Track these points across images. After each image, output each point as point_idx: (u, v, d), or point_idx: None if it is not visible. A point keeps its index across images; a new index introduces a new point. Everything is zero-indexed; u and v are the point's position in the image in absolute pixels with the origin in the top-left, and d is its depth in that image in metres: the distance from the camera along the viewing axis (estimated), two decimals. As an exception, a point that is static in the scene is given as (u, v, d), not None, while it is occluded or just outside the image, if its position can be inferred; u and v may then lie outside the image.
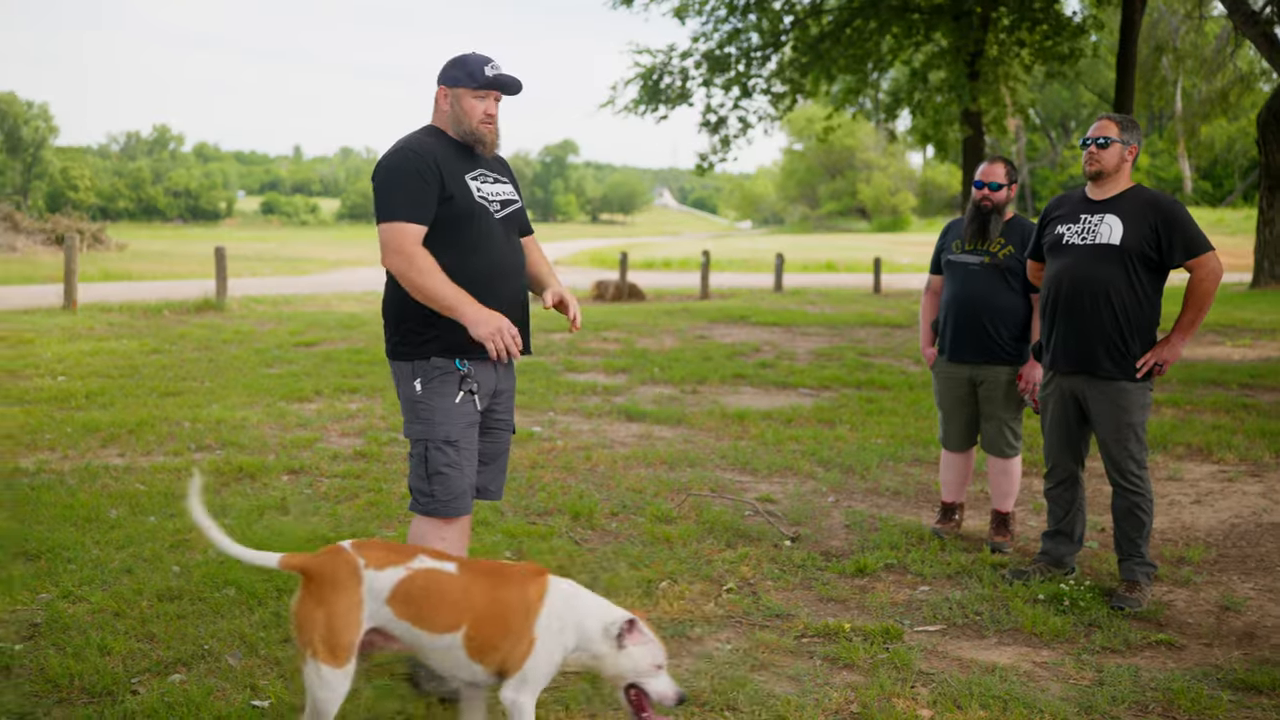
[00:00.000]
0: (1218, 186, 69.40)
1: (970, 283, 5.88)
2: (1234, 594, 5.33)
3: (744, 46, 21.59)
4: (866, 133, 75.25)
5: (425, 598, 3.32)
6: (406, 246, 3.93)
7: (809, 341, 14.91)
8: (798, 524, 6.35)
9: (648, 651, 3.34)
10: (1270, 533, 6.37)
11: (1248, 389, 11.13)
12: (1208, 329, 16.30)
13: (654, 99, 21.88)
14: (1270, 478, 7.62)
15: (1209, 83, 47.09)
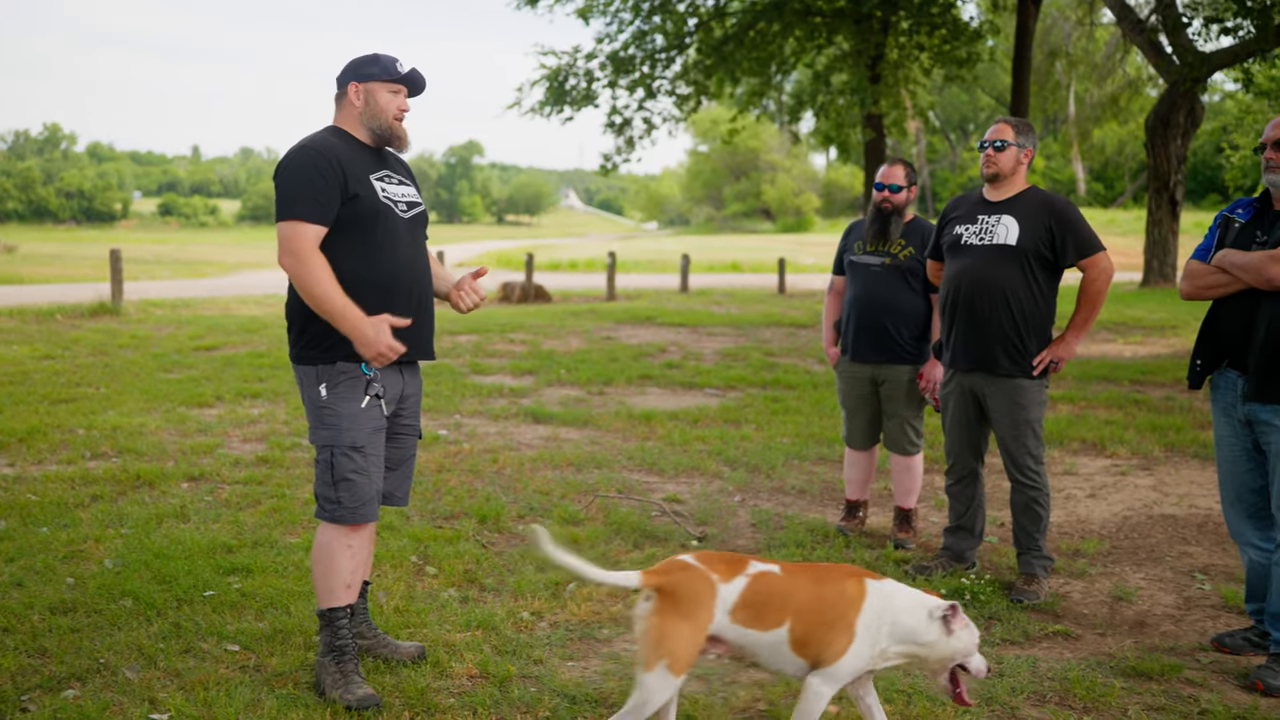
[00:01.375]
0: (1109, 188, 71.35)
1: (872, 283, 5.97)
2: (1126, 584, 5.49)
3: (648, 48, 21.65)
4: (770, 135, 75.98)
5: (759, 600, 3.47)
6: (301, 247, 3.88)
7: (715, 342, 15.01)
8: (705, 524, 6.39)
9: (971, 633, 3.51)
10: (1160, 524, 6.57)
11: (1138, 385, 11.46)
12: (1100, 327, 16.75)
13: (559, 100, 21.85)
14: (1160, 471, 7.86)
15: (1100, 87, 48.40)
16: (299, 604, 4.86)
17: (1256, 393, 4.38)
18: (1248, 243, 4.47)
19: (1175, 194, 24.73)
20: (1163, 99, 24.92)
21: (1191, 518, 6.69)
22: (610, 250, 24.70)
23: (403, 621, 4.72)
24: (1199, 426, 9.10)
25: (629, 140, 22.87)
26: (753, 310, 19.58)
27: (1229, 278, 4.46)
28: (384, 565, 5.42)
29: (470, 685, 4.14)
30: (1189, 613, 5.14)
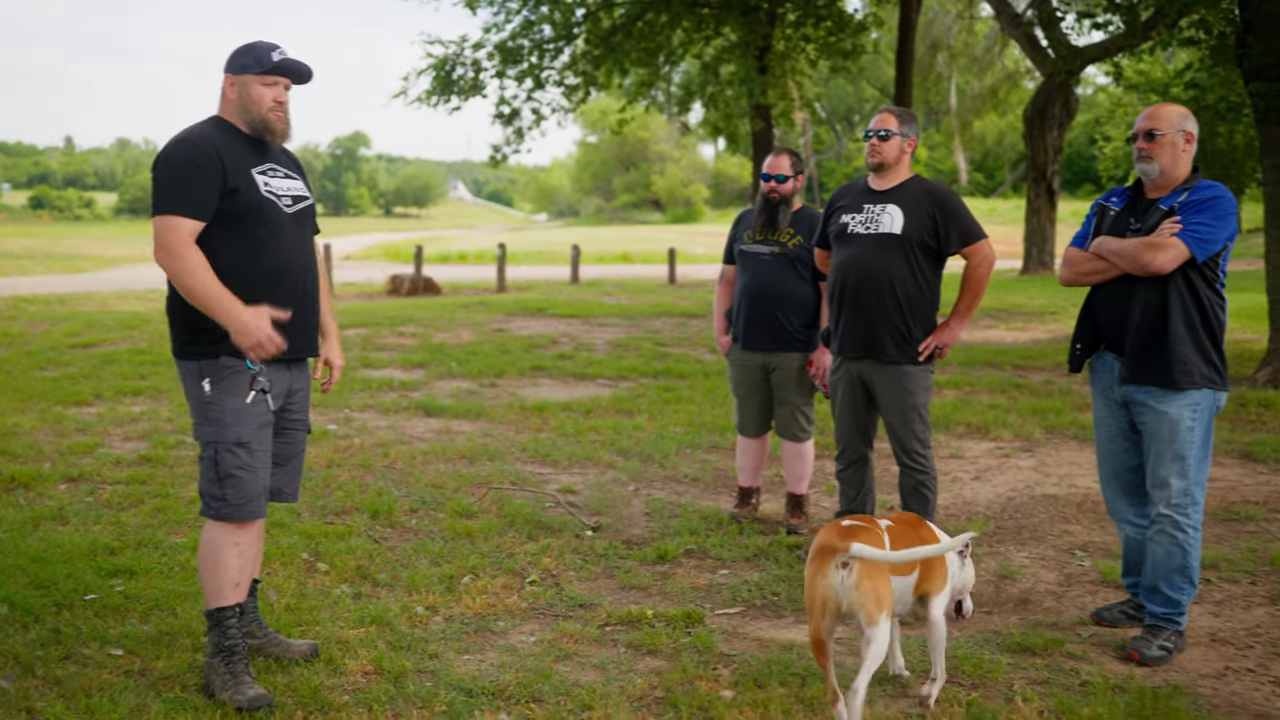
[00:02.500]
0: (990, 178, 73.09)
1: (762, 272, 6.03)
2: (1010, 563, 5.64)
3: (537, 38, 21.52)
4: (659, 125, 76.22)
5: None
6: (175, 241, 3.79)
7: (607, 332, 15.01)
8: (599, 514, 6.39)
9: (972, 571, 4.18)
10: (1042, 504, 6.75)
11: (1020, 369, 11.76)
12: (983, 313, 17.14)
13: (446, 90, 21.60)
14: (1041, 452, 8.08)
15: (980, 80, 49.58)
16: (186, 605, 4.74)
17: (1132, 375, 4.52)
18: (1122, 230, 4.61)
19: (1052, 183, 25.43)
20: (1039, 91, 25.59)
21: (1071, 497, 6.89)
22: (500, 242, 24.57)
23: (294, 620, 4.64)
24: (1078, 409, 9.37)
25: (518, 131, 22.72)
26: (644, 301, 19.63)
27: (1106, 264, 4.59)
28: (274, 563, 5.32)
29: (365, 682, 4.09)
30: (1070, 589, 5.30)
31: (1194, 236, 4.41)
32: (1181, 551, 4.50)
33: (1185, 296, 4.47)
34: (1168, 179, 4.59)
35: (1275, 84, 10.31)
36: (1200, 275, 4.47)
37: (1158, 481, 4.53)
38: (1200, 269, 4.46)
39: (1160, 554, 4.53)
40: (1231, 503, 6.71)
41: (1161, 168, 4.56)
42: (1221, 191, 4.54)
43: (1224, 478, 7.31)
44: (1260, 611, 4.99)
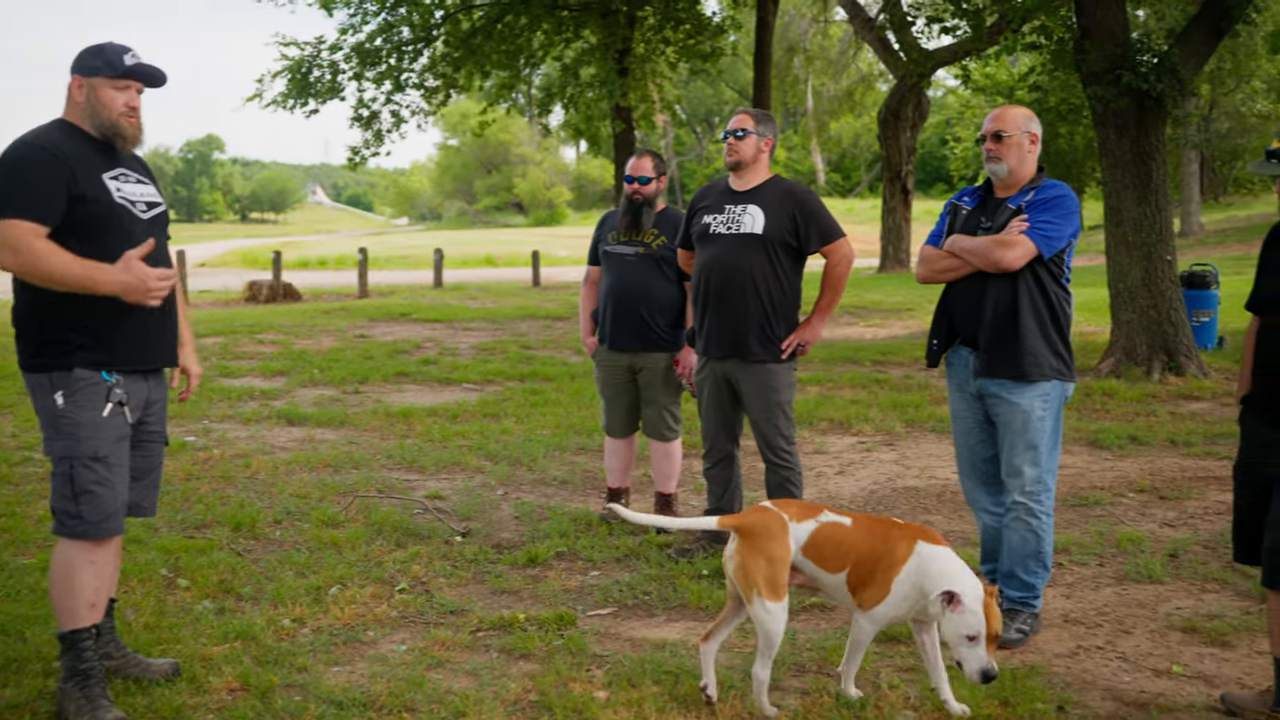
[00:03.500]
0: (847, 178, 74.67)
1: (627, 273, 6.06)
2: (875, 555, 5.76)
3: (395, 40, 21.23)
4: (521, 128, 75.87)
5: (826, 545, 3.93)
6: (18, 240, 3.61)
7: (471, 336, 14.91)
8: (468, 519, 6.34)
9: (967, 621, 3.65)
10: (904, 495, 6.93)
11: (880, 365, 12.05)
12: (843, 311, 17.50)
13: (303, 93, 21.15)
14: (902, 445, 8.29)
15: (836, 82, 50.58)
16: (36, 629, 4.55)
17: (986, 368, 4.67)
18: (974, 228, 4.76)
19: (907, 183, 26.12)
20: (893, 93, 26.26)
21: (931, 488, 7.09)
22: (361, 246, 24.17)
23: (154, 638, 4.49)
24: (936, 402, 9.64)
25: (377, 134, 22.37)
26: (508, 304, 19.55)
27: (959, 261, 4.73)
28: (131, 580, 5.15)
29: (230, 699, 3.98)
30: (932, 578, 5.44)
31: (1041, 234, 4.57)
32: (1036, 537, 4.67)
33: (1034, 292, 4.63)
34: (1015, 179, 4.75)
35: (1111, 88, 10.77)
36: (1047, 271, 4.64)
37: (1012, 470, 4.69)
38: (1047, 265, 4.63)
39: (1016, 540, 4.69)
40: (1080, 489, 6.98)
41: (1009, 168, 4.73)
42: (1065, 190, 4.72)
43: (1073, 465, 7.60)
44: (1108, 592, 5.20)
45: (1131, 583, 5.32)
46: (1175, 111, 11.23)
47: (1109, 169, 11.20)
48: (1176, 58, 10.97)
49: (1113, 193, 11.18)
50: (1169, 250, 11.08)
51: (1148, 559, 5.58)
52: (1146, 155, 10.97)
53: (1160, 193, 11.03)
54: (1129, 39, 11.03)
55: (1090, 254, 29.35)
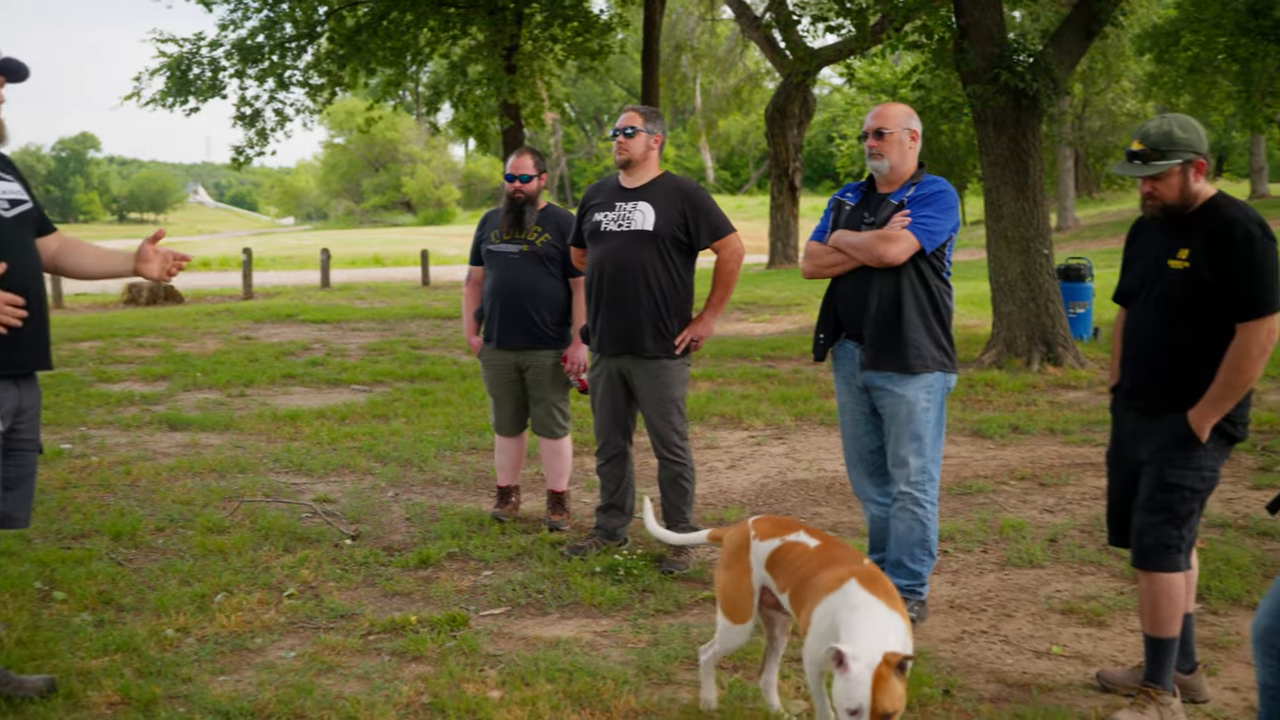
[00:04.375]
0: (736, 175, 75.41)
1: (511, 271, 6.03)
2: (766, 547, 5.82)
3: (278, 37, 20.80)
4: (409, 126, 75.12)
5: (783, 564, 3.68)
6: None
7: (360, 337, 14.71)
8: (357, 521, 6.26)
9: (845, 689, 3.03)
10: (794, 488, 7.02)
11: (770, 360, 12.19)
12: (733, 307, 17.65)
13: (183, 91, 20.62)
14: (791, 439, 8.39)
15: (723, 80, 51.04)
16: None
17: (872, 361, 4.75)
18: (858, 224, 4.84)
19: (794, 180, 26.46)
20: (779, 91, 26.56)
21: (820, 480, 7.19)
22: (245, 247, 23.68)
23: (28, 654, 4.34)
24: (824, 396, 9.78)
25: (261, 132, 21.93)
26: (397, 304, 19.33)
27: (844, 256, 4.80)
28: (3, 595, 4.96)
29: (110, 713, 3.87)
30: (822, 568, 5.51)
31: (922, 229, 4.66)
32: (921, 526, 4.76)
33: (916, 286, 4.72)
34: (897, 174, 4.84)
35: (989, 86, 11.04)
36: (929, 265, 4.73)
37: (898, 461, 4.78)
38: (929, 259, 4.72)
39: (902, 530, 4.78)
40: (964, 478, 7.15)
41: (891, 164, 4.81)
42: (945, 186, 4.83)
43: (957, 455, 7.78)
44: (991, 577, 5.34)
45: (1013, 568, 5.46)
46: (1050, 110, 11.55)
47: (988, 165, 11.48)
48: (1050, 58, 11.29)
49: (992, 189, 11.46)
50: (1046, 244, 11.40)
51: (1028, 544, 5.73)
52: (1024, 152, 11.27)
53: (1037, 188, 11.34)
54: (1006, 39, 11.32)
55: (972, 249, 30.06)
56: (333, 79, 21.35)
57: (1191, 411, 3.72)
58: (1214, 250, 3.66)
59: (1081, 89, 39.52)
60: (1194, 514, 3.80)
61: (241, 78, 20.83)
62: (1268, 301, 3.62)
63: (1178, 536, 3.78)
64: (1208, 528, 5.96)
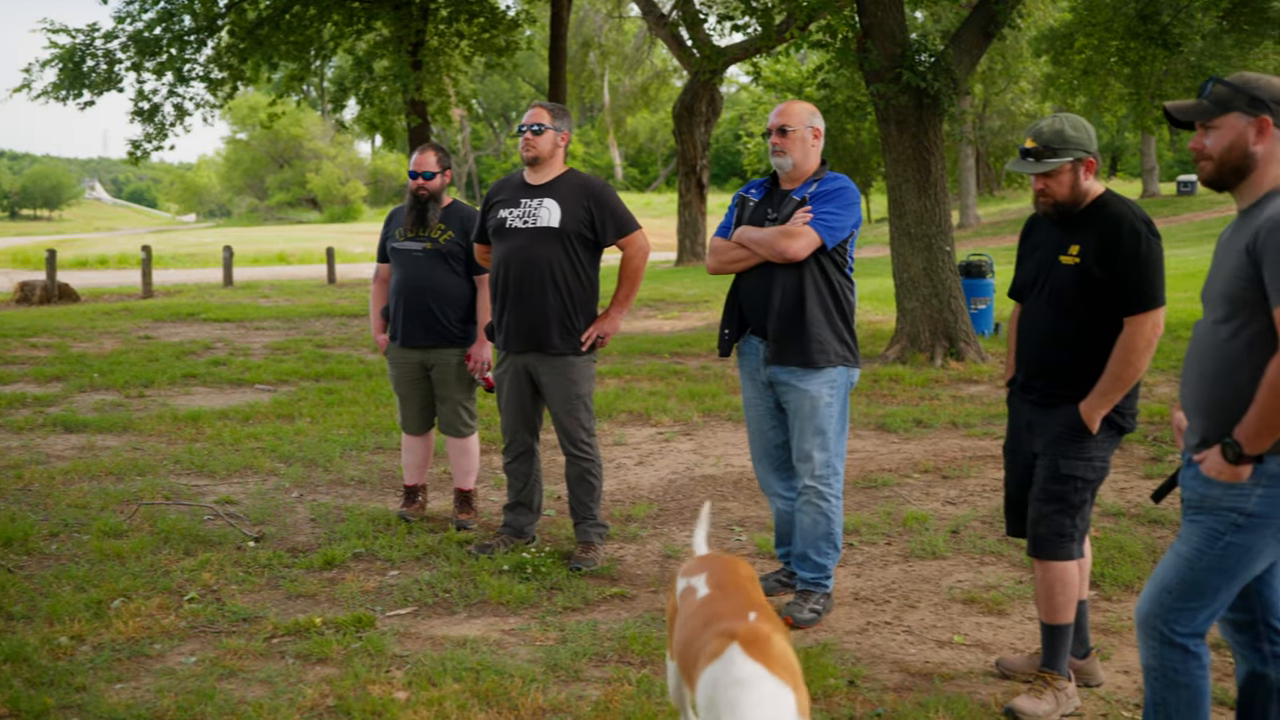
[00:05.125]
0: (644, 173, 75.60)
1: (415, 269, 5.98)
2: (674, 543, 5.86)
3: (176, 29, 20.35)
4: (314, 122, 74.04)
5: (676, 618, 3.29)
6: None
7: (264, 336, 14.47)
8: (261, 523, 6.15)
9: None
10: (701, 484, 7.06)
11: (678, 356, 12.24)
12: (641, 304, 17.71)
13: (77, 84, 20.06)
14: (700, 435, 8.44)
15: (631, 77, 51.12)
16: None
17: (775, 356, 4.79)
18: (761, 220, 4.88)
19: (702, 177, 26.60)
20: (687, 89, 26.69)
21: (728, 476, 7.24)
22: (144, 244, 23.14)
23: (-86, 664, 4.20)
24: (732, 391, 9.85)
25: (159, 127, 21.44)
26: (303, 302, 19.05)
27: (748, 252, 4.84)
28: (-112, 604, 4.80)
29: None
30: (729, 563, 5.56)
31: (824, 225, 4.72)
32: (826, 520, 4.82)
33: (819, 282, 4.77)
34: (800, 171, 4.89)
35: (891, 85, 11.21)
36: (831, 261, 4.79)
37: (802, 455, 4.83)
38: (831, 255, 4.78)
39: (807, 523, 4.84)
40: (869, 471, 7.25)
41: (794, 161, 4.86)
42: (846, 183, 4.89)
43: (862, 449, 7.89)
44: (895, 569, 5.42)
45: (917, 559, 5.56)
46: (951, 109, 11.76)
47: (891, 164, 11.66)
48: (951, 58, 11.50)
49: (895, 186, 11.64)
50: (948, 241, 11.61)
51: (931, 536, 5.84)
52: (925, 150, 11.46)
53: (939, 186, 11.54)
54: (908, 39, 11.50)
55: (877, 245, 30.52)
56: (234, 73, 20.96)
57: (1082, 404, 3.81)
58: (1102, 246, 3.76)
59: (982, 89, 40.33)
60: (1086, 503, 3.90)
61: (138, 71, 20.36)
62: (1152, 296, 3.73)
63: (1071, 526, 3.88)
64: (1102, 517, 6.13)
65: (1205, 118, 3.06)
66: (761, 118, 40.57)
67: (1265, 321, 2.88)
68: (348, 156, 80.00)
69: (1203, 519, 3.03)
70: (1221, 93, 3.04)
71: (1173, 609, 3.05)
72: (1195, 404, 3.09)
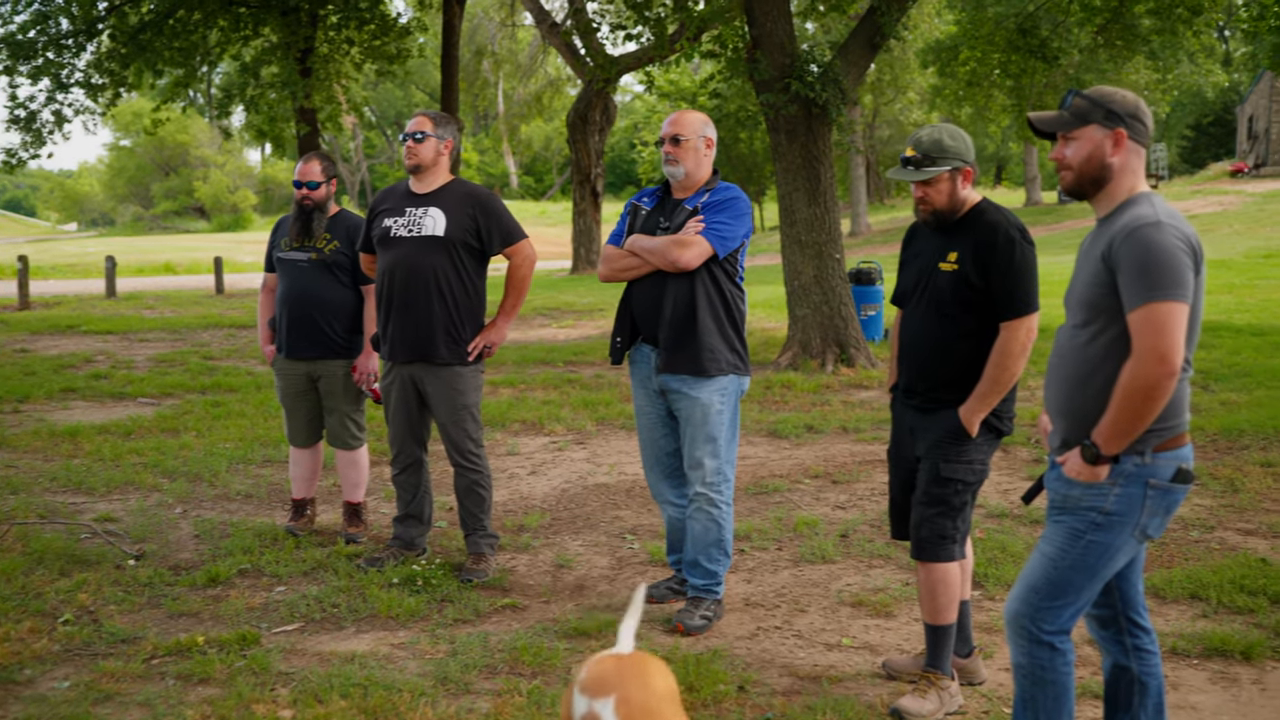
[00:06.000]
0: (540, 181, 75.45)
1: (300, 279, 5.88)
2: (567, 552, 5.84)
3: (52, 33, 19.73)
4: (201, 128, 72.42)
5: None
6: None
7: (149, 348, 14.10)
8: (142, 541, 5.98)
9: None
10: (594, 493, 7.05)
11: (572, 365, 12.23)
12: (536, 313, 17.66)
13: (-56, 88, 19.41)
14: (593, 444, 8.44)
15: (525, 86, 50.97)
16: None
17: (667, 365, 4.81)
18: (653, 229, 4.90)
19: (596, 186, 26.62)
20: (580, 98, 26.69)
21: (621, 484, 7.24)
22: (21, 254, 22.40)
23: None
24: (626, 400, 9.86)
25: (37, 134, 20.77)
26: (190, 313, 18.61)
27: (640, 261, 4.86)
28: None
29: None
30: (622, 571, 5.57)
31: (716, 234, 4.76)
32: (717, 526, 4.85)
33: (711, 290, 4.81)
34: (692, 180, 4.92)
35: (780, 95, 11.35)
36: (723, 270, 4.83)
37: (693, 463, 4.85)
38: (723, 264, 4.82)
39: (698, 530, 4.86)
40: (761, 477, 7.32)
41: (686, 170, 4.89)
42: (738, 193, 4.94)
43: (754, 455, 7.96)
44: (785, 574, 5.48)
45: (807, 564, 5.62)
46: (840, 118, 11.94)
47: (781, 172, 11.79)
48: (839, 69, 11.68)
49: (785, 195, 11.78)
50: (838, 249, 11.78)
51: (821, 540, 5.91)
52: (815, 160, 11.62)
53: (828, 195, 11.70)
54: (797, 50, 11.65)
55: (771, 253, 30.84)
56: (116, 79, 20.38)
57: (961, 408, 3.90)
58: (979, 254, 3.85)
59: (871, 99, 41.06)
60: (967, 505, 3.99)
61: (12, 75, 19.68)
62: (1026, 302, 3.83)
63: (953, 528, 3.95)
64: (986, 517, 6.26)
65: (1065, 129, 3.17)
66: (655, 126, 40.77)
67: (1122, 326, 2.99)
68: (237, 164, 78.36)
69: (1065, 519, 3.12)
70: (1080, 105, 3.14)
71: (1040, 608, 3.14)
72: (1057, 407, 3.19)
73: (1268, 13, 14.36)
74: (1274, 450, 7.61)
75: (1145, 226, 2.96)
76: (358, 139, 66.07)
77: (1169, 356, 2.89)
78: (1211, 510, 6.38)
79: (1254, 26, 15.03)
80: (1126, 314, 2.95)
